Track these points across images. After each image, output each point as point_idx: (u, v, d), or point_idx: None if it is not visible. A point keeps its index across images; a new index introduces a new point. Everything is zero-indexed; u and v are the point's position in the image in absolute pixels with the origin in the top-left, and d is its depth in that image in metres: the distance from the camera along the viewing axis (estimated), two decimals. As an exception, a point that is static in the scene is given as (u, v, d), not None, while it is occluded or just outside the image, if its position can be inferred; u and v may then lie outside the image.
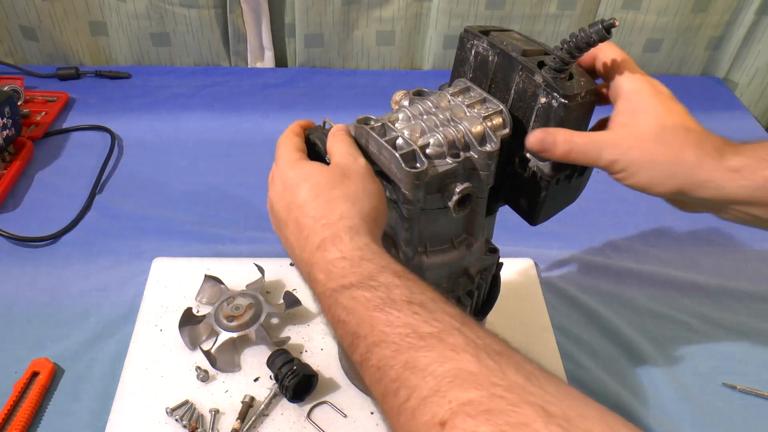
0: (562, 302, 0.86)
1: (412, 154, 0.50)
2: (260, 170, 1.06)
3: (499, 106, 0.54)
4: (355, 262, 0.45)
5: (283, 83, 1.27)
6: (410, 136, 0.52)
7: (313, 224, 0.48)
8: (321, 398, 0.72)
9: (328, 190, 0.49)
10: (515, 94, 0.54)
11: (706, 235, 0.97)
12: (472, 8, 1.24)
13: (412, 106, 0.55)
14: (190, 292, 0.83)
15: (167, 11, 1.21)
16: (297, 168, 0.51)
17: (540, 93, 0.52)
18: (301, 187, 0.50)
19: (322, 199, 0.48)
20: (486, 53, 0.55)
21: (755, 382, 0.77)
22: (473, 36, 0.56)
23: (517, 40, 0.55)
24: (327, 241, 0.46)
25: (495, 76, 0.55)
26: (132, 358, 0.75)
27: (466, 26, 0.57)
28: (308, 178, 0.50)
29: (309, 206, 0.48)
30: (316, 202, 0.48)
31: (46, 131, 1.10)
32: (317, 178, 0.50)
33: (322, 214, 0.48)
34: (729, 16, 1.27)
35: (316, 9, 1.22)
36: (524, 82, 0.53)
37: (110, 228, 0.94)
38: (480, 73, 0.57)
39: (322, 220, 0.47)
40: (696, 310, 0.86)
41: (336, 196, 0.48)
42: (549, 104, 0.51)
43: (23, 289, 0.84)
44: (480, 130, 0.52)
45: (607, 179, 0.55)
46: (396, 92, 0.58)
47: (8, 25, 1.23)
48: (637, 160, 0.51)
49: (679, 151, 0.50)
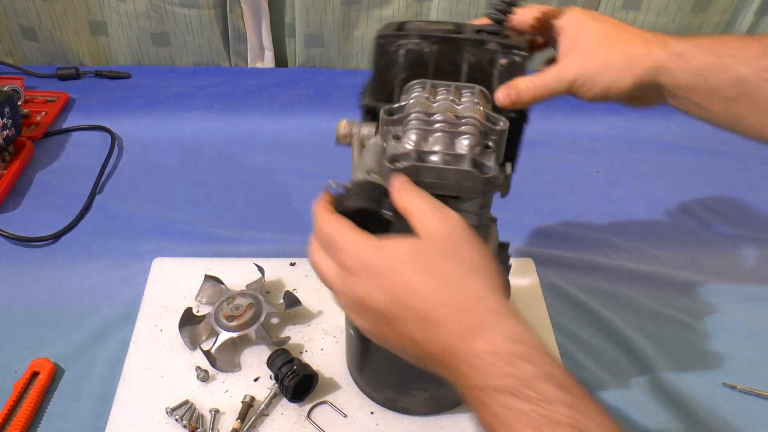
0: (562, 302, 0.86)
1: (474, 162, 0.50)
2: (260, 170, 1.07)
3: (474, 87, 0.56)
4: (508, 360, 0.38)
5: (283, 83, 1.27)
6: (448, 148, 0.51)
7: (445, 312, 0.41)
8: (321, 398, 0.72)
9: (441, 267, 0.42)
10: (468, 69, 0.56)
11: (706, 235, 0.97)
12: (472, 8, 1.23)
13: (417, 123, 0.53)
14: (190, 292, 0.83)
15: (167, 11, 1.21)
16: (383, 250, 0.43)
17: (498, 57, 0.55)
18: (404, 271, 0.42)
19: (442, 279, 0.41)
20: (419, 47, 0.56)
21: (755, 382, 0.77)
22: (396, 37, 0.56)
23: (433, 24, 0.57)
24: (469, 329, 0.40)
25: (438, 62, 0.56)
26: (132, 358, 0.75)
27: (379, 32, 0.56)
28: (410, 258, 0.42)
29: (430, 292, 0.41)
30: (435, 285, 0.41)
31: (46, 131, 1.10)
32: (421, 255, 0.42)
33: (451, 299, 0.41)
34: (729, 16, 1.27)
35: (316, 9, 1.22)
36: (476, 55, 0.56)
37: (110, 228, 0.94)
38: (418, 69, 0.57)
39: (455, 306, 0.41)
40: (696, 310, 0.86)
41: (457, 273, 0.42)
42: (512, 62, 0.55)
43: (23, 289, 0.84)
44: (483, 114, 0.53)
45: (607, 179, 0.55)
46: (340, 123, 0.57)
47: (8, 25, 1.23)
48: (593, 70, 0.54)
49: (628, 48, 0.54)
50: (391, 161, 0.50)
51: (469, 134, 0.51)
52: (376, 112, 0.57)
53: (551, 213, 0.99)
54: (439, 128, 0.52)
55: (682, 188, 1.06)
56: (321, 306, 0.82)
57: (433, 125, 0.52)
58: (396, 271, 0.42)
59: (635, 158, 1.12)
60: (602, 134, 1.17)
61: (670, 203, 1.03)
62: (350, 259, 0.44)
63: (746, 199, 1.05)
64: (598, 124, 1.20)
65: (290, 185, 1.02)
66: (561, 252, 0.93)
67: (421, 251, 0.43)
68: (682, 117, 0.58)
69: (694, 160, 1.12)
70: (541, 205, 1.00)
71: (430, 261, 0.42)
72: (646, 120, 1.21)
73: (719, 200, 1.04)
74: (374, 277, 0.43)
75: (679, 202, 1.03)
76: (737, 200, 1.04)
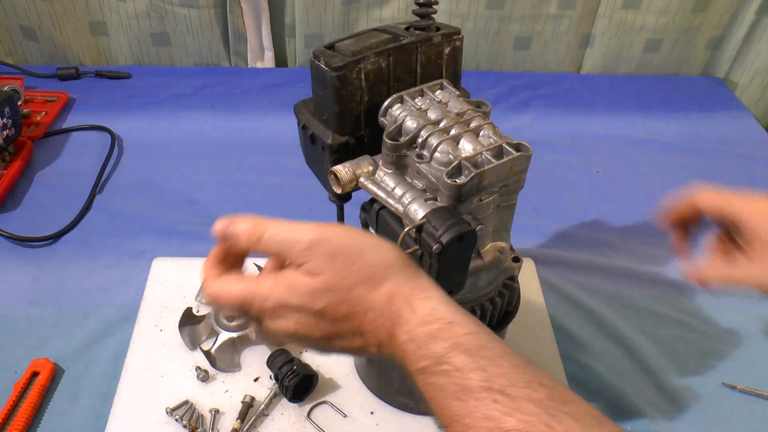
0: (562, 302, 0.86)
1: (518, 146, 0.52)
2: (260, 170, 1.07)
3: (438, 81, 0.58)
4: (421, 343, 0.41)
5: (283, 83, 1.27)
6: (482, 146, 0.52)
7: (370, 323, 0.43)
8: (321, 398, 0.72)
9: (351, 289, 0.43)
10: (421, 68, 0.58)
11: (706, 235, 0.97)
12: (472, 8, 1.24)
13: (437, 136, 0.53)
14: (190, 292, 0.83)
15: (167, 11, 1.21)
16: (295, 286, 0.44)
17: (444, 47, 0.58)
18: (325, 301, 0.43)
19: (359, 295, 0.43)
20: (376, 65, 0.55)
21: (755, 382, 0.77)
22: (354, 63, 0.54)
23: (373, 37, 0.57)
24: (393, 328, 0.43)
25: (395, 73, 0.57)
26: (132, 358, 0.75)
27: (334, 66, 0.53)
28: (322, 290, 0.43)
29: (355, 309, 0.43)
30: (355, 301, 0.43)
31: (46, 131, 1.10)
32: (330, 283, 0.43)
33: (368, 311, 0.43)
34: (729, 16, 1.27)
35: (316, 9, 1.22)
36: (426, 52, 0.58)
37: (110, 228, 0.94)
38: (379, 86, 0.57)
39: (376, 313, 0.43)
40: (696, 310, 0.86)
41: (365, 287, 0.43)
42: (454, 47, 0.58)
43: (23, 289, 0.84)
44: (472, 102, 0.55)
45: (607, 179, 0.55)
46: (339, 172, 0.55)
47: (8, 25, 1.23)
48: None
49: None
50: (451, 177, 0.50)
51: (483, 124, 0.52)
52: (348, 146, 0.57)
53: (551, 213, 0.99)
54: (457, 132, 0.52)
55: (682, 188, 1.06)
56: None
57: (450, 131, 0.53)
58: (311, 300, 0.44)
59: (635, 158, 1.12)
60: (602, 134, 1.18)
61: (670, 203, 1.03)
62: (266, 307, 0.45)
63: (746, 199, 1.05)
64: (598, 124, 1.20)
65: (290, 185, 1.02)
66: (561, 252, 0.93)
67: (323, 273, 0.43)
68: (682, 117, 0.58)
69: (694, 160, 1.12)
70: (541, 205, 1.01)
71: (334, 281, 0.43)
72: (646, 120, 1.21)
73: (719, 200, 1.04)
74: (298, 312, 0.44)
75: (679, 202, 1.03)
76: (737, 200, 1.04)
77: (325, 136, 0.57)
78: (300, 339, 0.46)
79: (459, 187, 0.50)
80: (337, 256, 0.44)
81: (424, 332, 0.41)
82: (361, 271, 0.44)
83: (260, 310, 0.45)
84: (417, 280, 0.44)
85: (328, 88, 0.55)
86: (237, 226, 0.47)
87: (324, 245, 0.44)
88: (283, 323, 0.45)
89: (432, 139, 0.52)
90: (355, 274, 0.43)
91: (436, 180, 0.51)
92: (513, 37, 1.30)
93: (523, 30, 1.28)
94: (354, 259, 0.44)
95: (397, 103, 0.56)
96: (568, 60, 1.34)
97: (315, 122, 0.58)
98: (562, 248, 0.93)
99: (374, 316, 0.43)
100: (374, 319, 0.43)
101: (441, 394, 0.39)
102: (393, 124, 0.55)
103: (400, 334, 0.42)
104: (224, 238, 0.48)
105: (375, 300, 0.43)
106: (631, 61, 1.34)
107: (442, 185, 0.51)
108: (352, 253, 0.44)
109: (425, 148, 0.52)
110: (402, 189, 0.53)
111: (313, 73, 0.56)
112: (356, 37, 0.57)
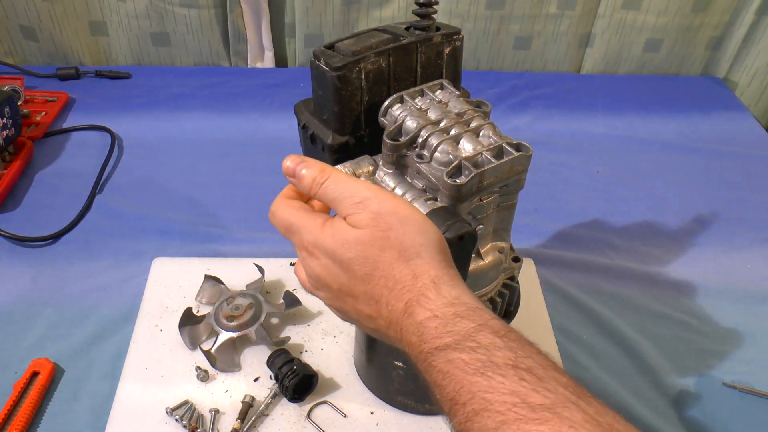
0: (562, 302, 0.86)
1: (518, 146, 0.52)
2: (260, 170, 1.07)
3: (438, 81, 0.57)
4: (448, 320, 0.41)
5: (283, 83, 1.27)
6: (482, 146, 0.52)
7: (388, 292, 0.44)
8: (321, 398, 0.72)
9: (382, 250, 0.44)
10: (421, 68, 0.58)
11: (706, 234, 0.97)
12: (472, 8, 1.24)
13: (437, 136, 0.53)
14: (190, 292, 0.83)
15: (167, 11, 1.21)
16: (335, 232, 0.46)
17: (444, 47, 0.58)
18: (353, 253, 0.45)
19: (386, 259, 0.44)
20: (377, 65, 0.56)
21: (755, 382, 0.77)
22: (354, 63, 0.54)
23: (373, 37, 0.57)
24: (412, 303, 0.43)
25: (395, 73, 0.57)
26: (132, 358, 0.75)
27: (334, 66, 0.54)
28: (355, 241, 0.45)
29: (376, 272, 0.45)
30: (380, 265, 0.44)
31: (46, 131, 1.10)
32: (364, 238, 0.45)
33: (389, 281, 0.44)
34: (729, 16, 1.27)
35: (316, 9, 1.22)
36: (426, 52, 0.58)
37: (110, 228, 0.94)
38: (379, 86, 0.57)
39: (392, 287, 0.44)
40: (696, 310, 0.86)
41: (391, 258, 0.44)
42: (454, 47, 0.59)
43: (23, 289, 0.84)
44: (473, 102, 0.54)
45: (607, 179, 0.55)
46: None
47: (8, 25, 1.23)
48: None
49: None
50: (451, 177, 0.50)
51: (484, 124, 0.52)
52: (348, 146, 0.57)
53: (551, 213, 0.99)
54: (457, 132, 0.52)
55: (682, 188, 1.06)
56: (321, 306, 0.82)
57: (450, 131, 0.53)
58: (347, 252, 0.45)
59: (635, 158, 1.12)
60: (602, 134, 1.18)
61: (670, 203, 1.03)
62: (305, 240, 0.48)
63: (746, 199, 1.05)
64: (598, 124, 1.20)
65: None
66: (561, 252, 0.93)
67: (364, 233, 0.45)
68: (682, 117, 0.58)
69: (694, 160, 1.12)
70: (541, 205, 1.01)
71: (372, 242, 0.45)
72: (646, 120, 1.21)
73: (719, 200, 1.04)
74: (328, 257, 0.47)
75: (678, 202, 1.03)
76: (737, 200, 1.04)
77: (325, 136, 0.57)
78: (320, 285, 0.49)
79: (459, 187, 0.50)
80: (383, 216, 0.45)
81: (450, 311, 0.42)
82: (397, 239, 0.45)
83: (300, 241, 0.49)
84: (447, 268, 0.45)
85: (328, 88, 0.55)
86: (304, 169, 0.49)
87: (374, 203, 0.46)
88: (314, 263, 0.48)
89: (432, 139, 0.52)
90: (391, 239, 0.45)
91: (436, 180, 0.51)
92: (513, 37, 1.30)
93: (523, 30, 1.29)
94: (394, 226, 0.45)
95: (397, 103, 0.56)
96: (568, 60, 1.34)
97: (315, 122, 0.58)
98: (562, 248, 0.93)
99: (393, 286, 0.44)
100: (392, 288, 0.44)
101: (462, 370, 0.39)
102: (393, 124, 0.55)
103: (420, 312, 0.42)
104: (291, 175, 0.50)
105: (399, 271, 0.44)
106: (631, 61, 1.34)
107: (442, 185, 0.51)
108: (395, 220, 0.45)
109: (425, 148, 0.52)
110: (402, 189, 0.53)
111: (313, 73, 0.57)
112: (356, 37, 0.57)
